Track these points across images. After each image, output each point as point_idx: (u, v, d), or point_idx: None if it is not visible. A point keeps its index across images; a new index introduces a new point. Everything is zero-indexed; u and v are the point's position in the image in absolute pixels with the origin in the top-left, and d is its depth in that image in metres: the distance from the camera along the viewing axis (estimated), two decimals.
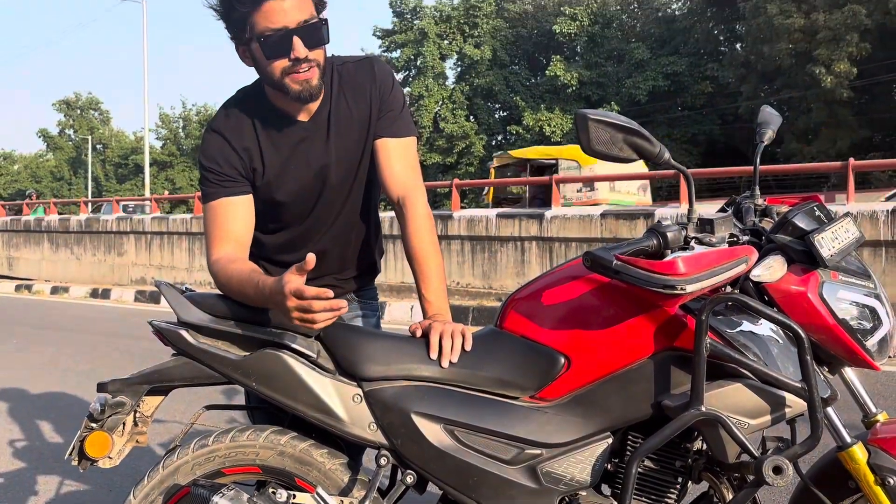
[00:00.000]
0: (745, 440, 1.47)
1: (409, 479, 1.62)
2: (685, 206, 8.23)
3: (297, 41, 1.67)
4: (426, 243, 1.85)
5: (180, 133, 52.89)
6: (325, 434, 1.67)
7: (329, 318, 1.46)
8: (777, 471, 1.42)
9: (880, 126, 28.11)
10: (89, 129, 57.51)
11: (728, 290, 1.56)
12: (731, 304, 1.52)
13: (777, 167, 14.10)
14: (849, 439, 1.52)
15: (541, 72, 36.39)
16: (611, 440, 1.60)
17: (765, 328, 1.54)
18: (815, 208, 1.61)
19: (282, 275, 1.46)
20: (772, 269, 1.52)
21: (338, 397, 1.63)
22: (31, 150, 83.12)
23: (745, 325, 1.53)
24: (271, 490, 1.60)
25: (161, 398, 1.78)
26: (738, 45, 32.95)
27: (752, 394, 1.49)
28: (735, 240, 1.58)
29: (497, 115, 38.17)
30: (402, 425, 1.61)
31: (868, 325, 1.52)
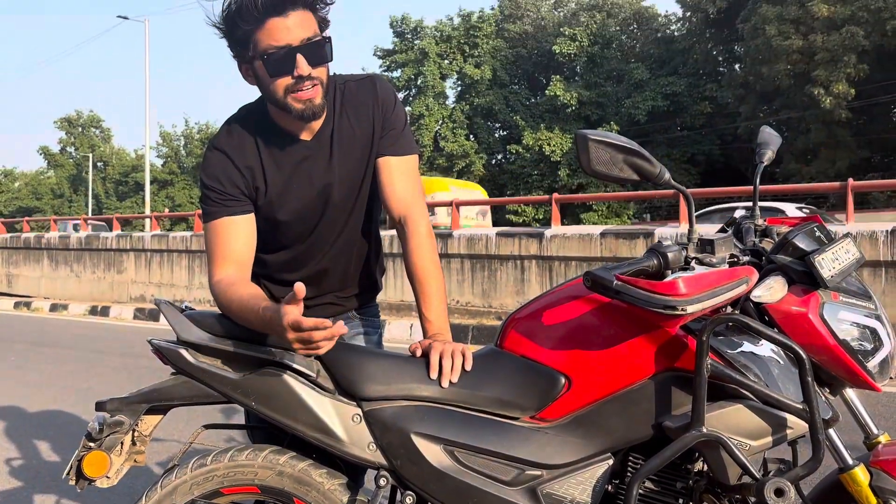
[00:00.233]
0: (746, 462, 1.46)
1: (409, 500, 1.61)
2: (685, 225, 8.25)
3: (300, 59, 1.67)
4: (427, 262, 1.85)
5: (181, 151, 53.04)
6: (325, 454, 1.67)
7: (331, 343, 1.45)
8: (779, 493, 1.41)
9: (879, 146, 28.23)
10: (90, 146, 57.71)
11: (729, 310, 1.56)
12: (731, 324, 1.51)
13: (777, 187, 14.12)
14: (851, 461, 1.52)
15: (540, 91, 36.61)
16: (611, 461, 1.59)
17: (765, 349, 1.53)
18: (816, 229, 1.62)
19: (280, 305, 1.45)
20: (772, 290, 1.52)
21: (337, 417, 1.62)
22: (32, 167, 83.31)
23: (746, 346, 1.52)
24: None
25: (160, 417, 1.77)
26: (736, 66, 33.15)
27: (753, 415, 1.48)
28: (735, 260, 1.58)
29: (497, 135, 38.34)
30: (401, 445, 1.60)
31: (869, 346, 1.52)
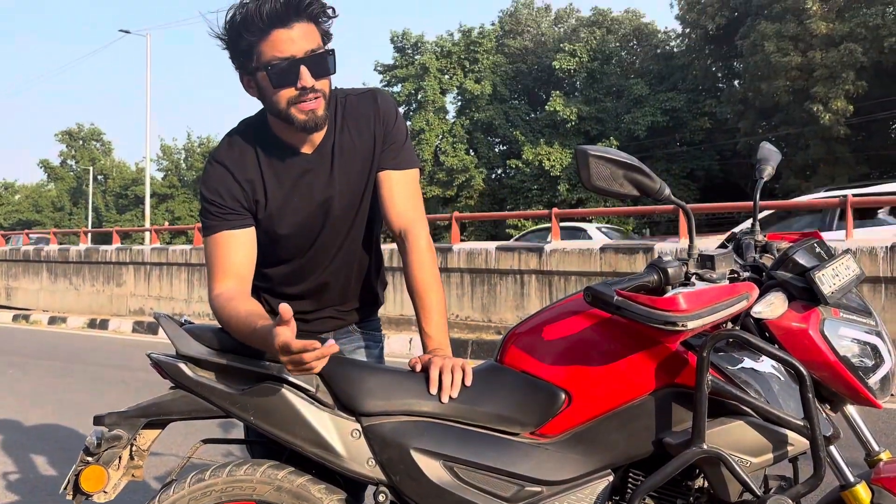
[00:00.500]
0: (747, 479, 1.45)
1: None
2: (685, 241, 8.25)
3: (304, 70, 1.68)
4: (428, 276, 1.84)
5: (182, 164, 53.13)
6: (324, 469, 1.66)
7: (323, 362, 1.45)
8: None
9: (877, 163, 28.28)
10: (91, 159, 57.80)
11: (729, 326, 1.56)
12: (732, 340, 1.51)
13: (776, 202, 14.14)
14: (852, 478, 1.51)
15: (540, 107, 36.70)
16: (612, 478, 1.58)
17: (766, 365, 1.53)
18: (815, 245, 1.62)
19: (273, 326, 1.44)
20: (773, 306, 1.52)
21: (336, 432, 1.62)
22: (33, 180, 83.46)
23: (747, 362, 1.52)
24: None
25: (158, 432, 1.76)
26: (735, 82, 33.26)
27: (754, 432, 1.48)
28: (736, 276, 1.57)
29: (497, 149, 38.40)
30: (400, 461, 1.59)
31: (870, 362, 1.51)
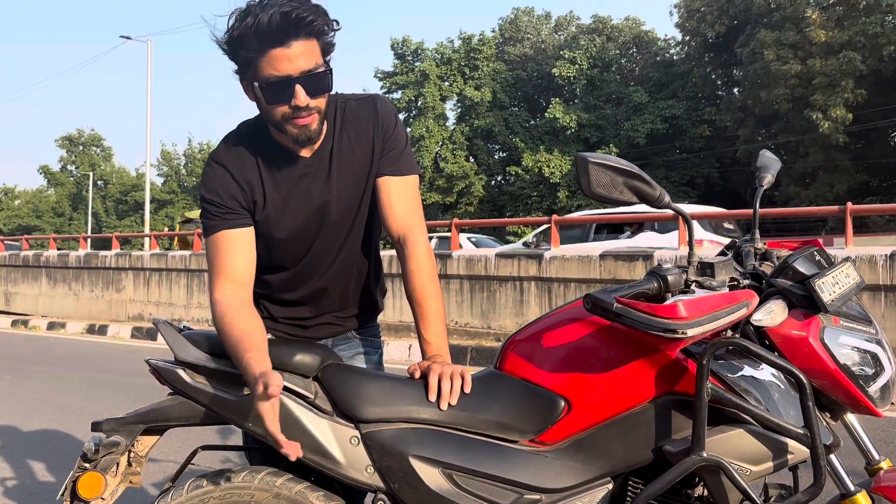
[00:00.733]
0: (747, 487, 1.45)
1: None
2: (685, 248, 8.25)
3: (299, 89, 1.66)
4: (427, 283, 1.84)
5: (182, 170, 53.17)
6: (323, 476, 1.65)
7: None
8: None
9: (877, 171, 28.34)
10: (91, 165, 57.85)
11: (729, 334, 1.55)
12: (732, 348, 1.51)
13: (776, 210, 14.16)
14: (852, 487, 1.51)
15: (540, 114, 36.79)
16: (611, 486, 1.57)
17: (766, 373, 1.53)
18: (815, 253, 1.62)
19: (260, 374, 1.46)
20: (773, 314, 1.52)
21: (335, 439, 1.61)
22: (33, 185, 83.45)
23: (747, 370, 1.52)
24: None
25: (156, 438, 1.76)
26: (735, 90, 33.36)
27: (754, 440, 1.47)
28: (736, 283, 1.57)
29: (497, 156, 38.47)
30: (399, 468, 1.59)
31: (870, 370, 1.51)
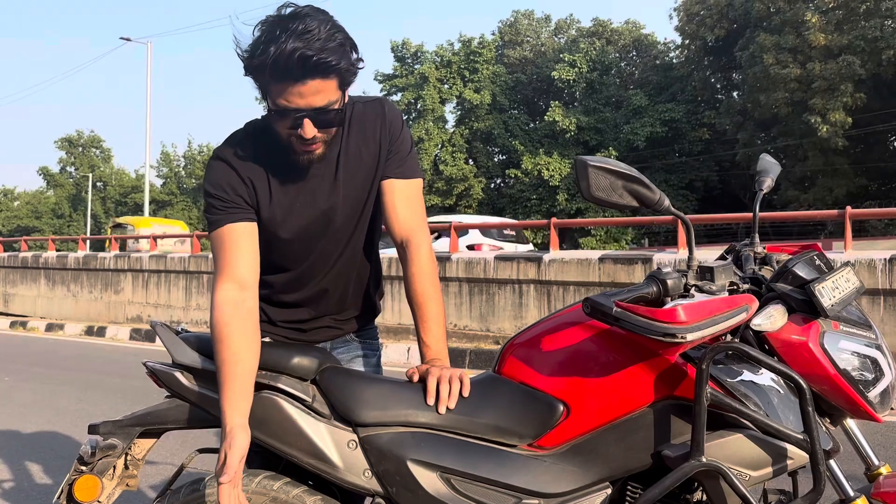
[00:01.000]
0: (746, 492, 1.44)
1: None
2: (684, 252, 8.25)
3: (307, 123, 1.65)
4: (428, 286, 1.84)
5: (181, 172, 53.16)
6: (320, 480, 1.64)
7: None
8: None
9: (876, 175, 28.36)
10: (90, 166, 57.82)
11: (728, 338, 1.55)
12: (731, 353, 1.50)
13: (775, 214, 14.16)
14: (852, 493, 1.50)
15: (539, 117, 36.80)
16: (609, 490, 1.57)
17: (765, 378, 1.52)
18: (815, 257, 1.61)
19: (234, 436, 1.52)
20: (772, 319, 1.51)
21: (332, 443, 1.61)
22: (32, 187, 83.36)
23: (746, 375, 1.51)
24: None
25: (153, 441, 1.75)
26: (734, 94, 33.40)
27: (753, 445, 1.47)
28: (735, 288, 1.57)
29: (496, 159, 38.48)
30: (397, 473, 1.58)
31: (870, 376, 1.50)
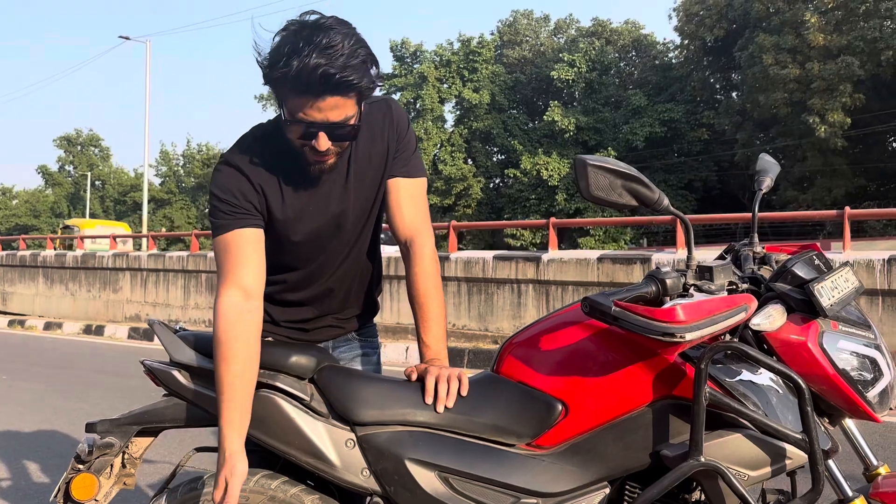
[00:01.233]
0: (744, 492, 1.44)
1: None
2: (683, 252, 8.25)
3: (322, 136, 1.64)
4: (430, 286, 1.84)
5: (180, 171, 53.13)
6: (318, 479, 1.64)
7: None
8: None
9: (875, 175, 28.37)
10: (89, 165, 57.75)
11: (727, 338, 1.55)
12: (730, 352, 1.50)
13: (774, 214, 14.18)
14: (850, 493, 1.50)
15: (539, 116, 36.79)
16: (608, 490, 1.57)
17: (764, 378, 1.52)
18: (814, 257, 1.61)
19: (234, 463, 1.53)
20: (771, 318, 1.51)
21: (330, 442, 1.60)
22: (31, 185, 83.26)
23: (745, 375, 1.51)
24: None
25: (151, 439, 1.75)
26: (734, 94, 33.40)
27: (752, 444, 1.47)
28: (734, 287, 1.56)
29: (495, 159, 38.46)
30: (395, 472, 1.58)
31: (869, 376, 1.50)
